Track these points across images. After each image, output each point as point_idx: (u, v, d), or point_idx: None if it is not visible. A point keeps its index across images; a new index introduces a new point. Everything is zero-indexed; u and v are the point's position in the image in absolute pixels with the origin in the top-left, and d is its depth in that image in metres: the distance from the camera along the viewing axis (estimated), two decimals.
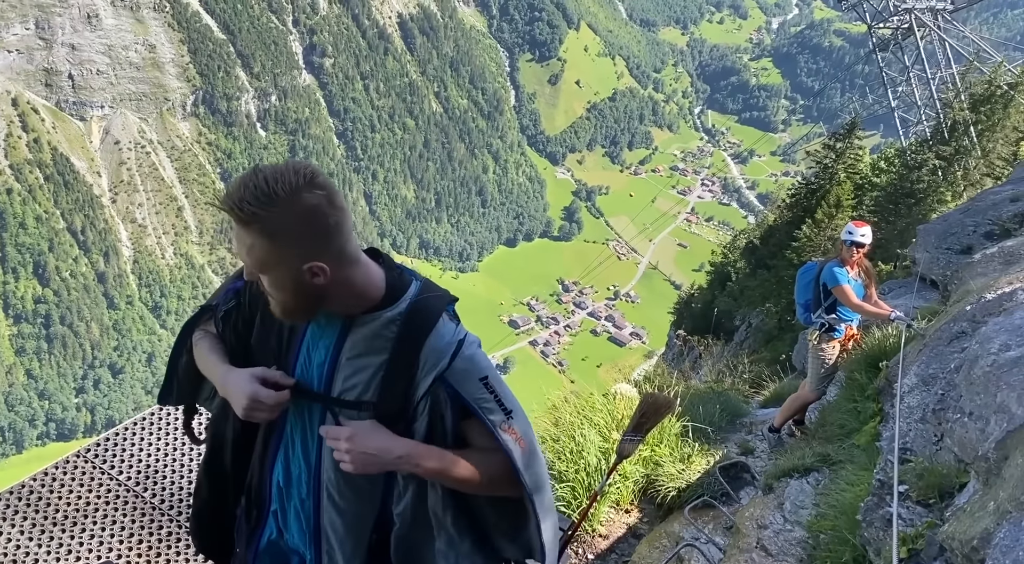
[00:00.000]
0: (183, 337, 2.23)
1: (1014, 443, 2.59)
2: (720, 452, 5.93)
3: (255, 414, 1.94)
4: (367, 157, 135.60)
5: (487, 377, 1.96)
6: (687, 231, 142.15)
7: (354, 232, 1.91)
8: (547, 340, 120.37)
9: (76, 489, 3.26)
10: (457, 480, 1.96)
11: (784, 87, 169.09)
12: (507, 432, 1.96)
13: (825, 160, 27.38)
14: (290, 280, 1.84)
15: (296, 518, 2.14)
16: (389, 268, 2.00)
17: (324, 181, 1.80)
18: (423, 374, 1.93)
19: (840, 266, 5.89)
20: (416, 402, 1.95)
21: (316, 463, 2.05)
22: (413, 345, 1.93)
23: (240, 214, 1.76)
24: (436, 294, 2.01)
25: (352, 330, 1.94)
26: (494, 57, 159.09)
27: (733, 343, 24.13)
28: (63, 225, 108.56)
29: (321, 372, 1.98)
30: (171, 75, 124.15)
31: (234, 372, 2.00)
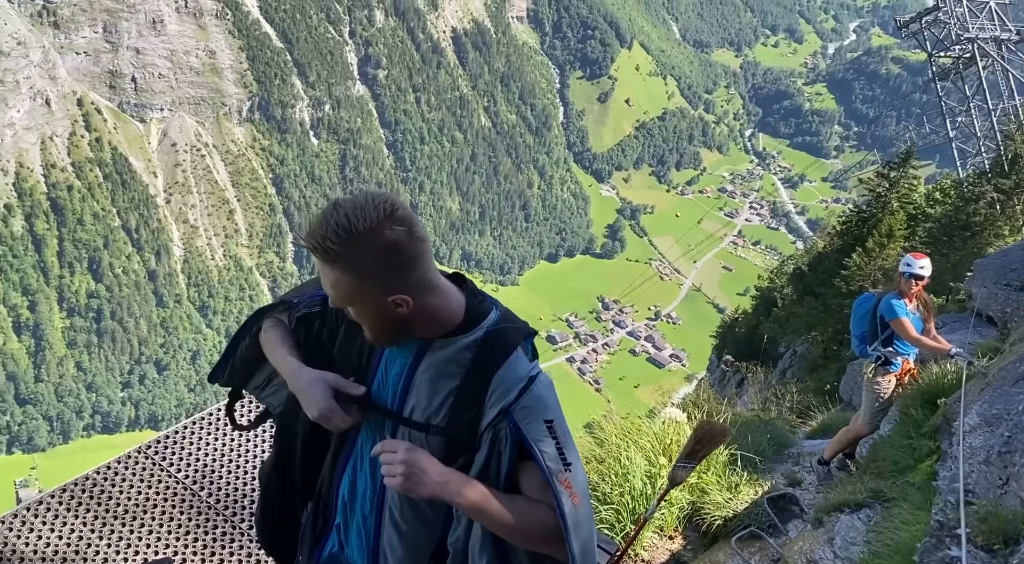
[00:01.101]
0: (251, 321, 2.26)
1: None
2: (768, 483, 5.83)
3: (327, 423, 1.95)
4: (415, 168, 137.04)
5: (553, 421, 1.91)
6: (733, 254, 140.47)
7: (433, 259, 1.91)
8: (584, 357, 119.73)
9: (136, 484, 3.35)
10: (496, 522, 1.89)
11: (838, 113, 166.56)
12: (562, 483, 1.87)
13: (878, 188, 26.88)
14: (374, 311, 1.85)
15: (357, 534, 2.13)
16: (471, 294, 2.00)
17: (404, 214, 1.79)
18: (489, 404, 1.90)
19: (898, 298, 5.77)
20: (480, 432, 1.92)
21: (382, 481, 2.01)
22: (484, 374, 1.90)
23: (324, 254, 1.76)
24: (515, 325, 2.00)
25: (428, 352, 1.94)
26: (545, 74, 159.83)
27: (777, 370, 23.75)
28: (119, 223, 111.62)
29: (395, 390, 1.98)
30: (229, 81, 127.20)
31: (307, 372, 2.00)
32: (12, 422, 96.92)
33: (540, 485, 1.90)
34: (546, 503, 1.90)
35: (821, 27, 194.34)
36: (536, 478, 1.90)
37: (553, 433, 1.89)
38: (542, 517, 1.89)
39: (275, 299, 2.29)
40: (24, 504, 3.01)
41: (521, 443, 1.88)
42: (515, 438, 1.89)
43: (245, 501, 3.30)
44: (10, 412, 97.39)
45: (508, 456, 1.91)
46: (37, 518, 3.00)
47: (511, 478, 1.93)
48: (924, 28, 33.89)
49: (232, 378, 2.37)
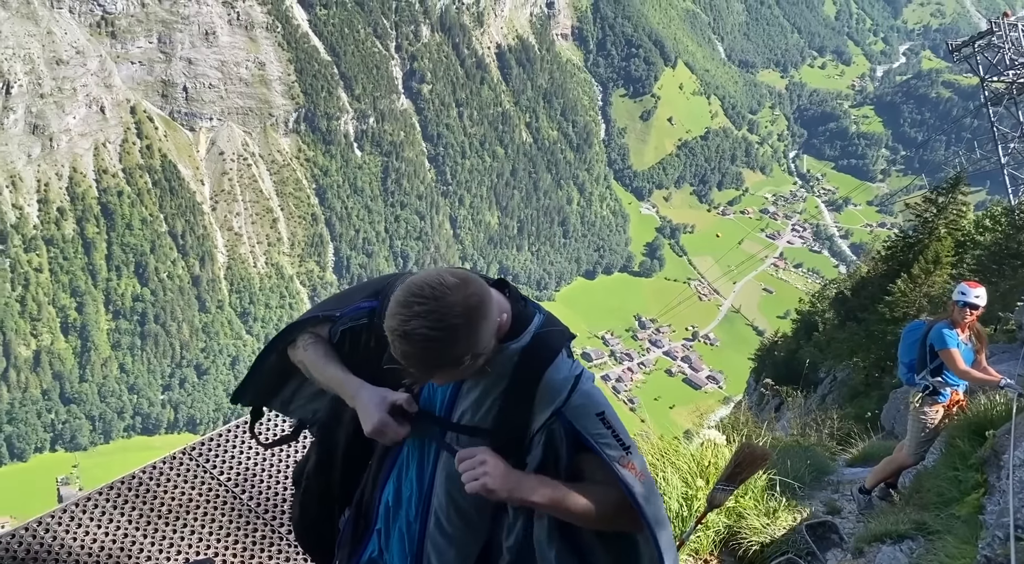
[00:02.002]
0: (279, 339, 2.29)
1: None
2: (807, 509, 5.73)
3: (381, 438, 2.00)
4: (455, 182, 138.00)
5: (603, 413, 2.00)
6: (774, 276, 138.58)
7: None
8: (620, 376, 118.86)
9: (180, 485, 3.42)
10: (572, 512, 1.97)
11: (885, 136, 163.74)
12: (627, 467, 1.97)
13: (925, 214, 26.36)
14: (488, 355, 1.91)
15: (400, 540, 2.16)
16: (515, 300, 2.04)
17: (458, 273, 1.86)
18: (540, 407, 1.97)
19: (950, 328, 5.63)
20: (532, 434, 1.99)
21: (428, 487, 2.08)
22: (532, 377, 1.97)
23: (452, 364, 1.83)
24: (558, 329, 2.06)
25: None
26: (587, 91, 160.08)
27: (816, 396, 23.36)
28: (165, 228, 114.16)
29: (444, 398, 2.04)
30: (277, 92, 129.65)
31: (367, 389, 2.04)
32: (56, 420, 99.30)
33: (602, 472, 2.00)
34: (611, 484, 1.99)
35: (870, 49, 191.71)
36: (597, 466, 2.00)
37: (608, 424, 1.99)
38: (610, 497, 1.99)
39: (306, 313, 2.31)
40: (73, 500, 3.09)
41: (577, 441, 1.98)
42: (571, 436, 1.98)
43: (284, 505, 3.36)
44: (55, 410, 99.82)
45: (566, 453, 2.00)
46: (85, 514, 3.09)
47: (571, 471, 2.03)
48: (977, 52, 33.33)
49: (258, 397, 2.42)
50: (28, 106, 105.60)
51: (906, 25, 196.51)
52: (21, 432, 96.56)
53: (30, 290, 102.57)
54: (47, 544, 2.82)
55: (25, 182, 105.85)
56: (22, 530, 2.95)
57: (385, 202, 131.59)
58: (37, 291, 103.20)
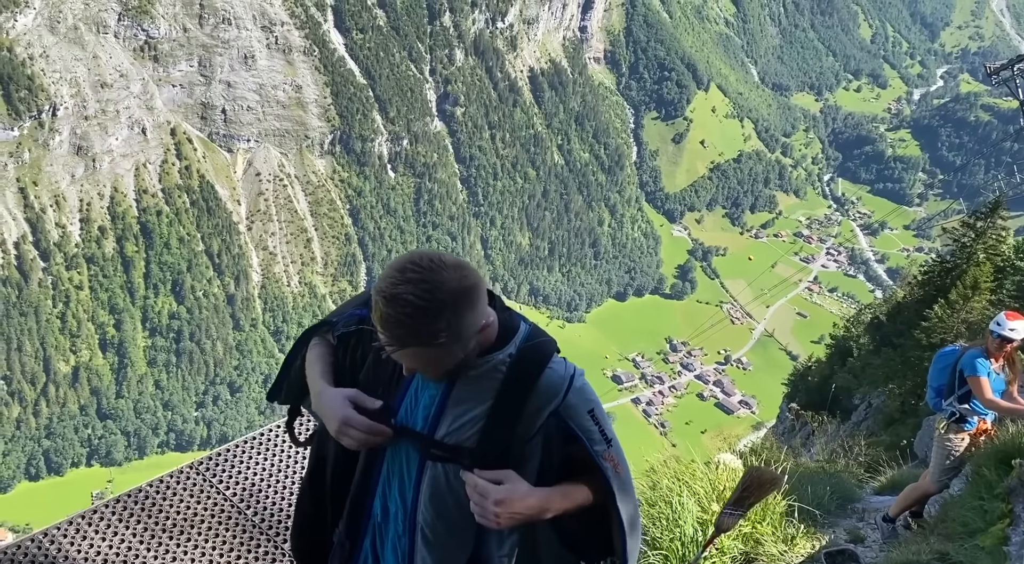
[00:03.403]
0: (302, 341, 2.31)
1: None
2: (827, 537, 5.59)
3: (343, 438, 1.96)
4: (487, 203, 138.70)
5: (594, 409, 2.03)
6: (807, 300, 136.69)
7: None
8: (650, 399, 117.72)
9: (186, 499, 3.44)
10: (570, 511, 2.03)
11: (922, 160, 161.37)
12: (607, 460, 2.02)
13: (963, 238, 25.84)
14: (457, 359, 1.88)
15: (393, 552, 2.16)
16: (500, 310, 2.02)
17: (447, 256, 1.85)
18: (536, 412, 1.96)
19: (983, 356, 5.49)
20: (530, 440, 1.99)
21: (412, 503, 2.07)
22: (523, 386, 1.95)
23: (428, 340, 1.79)
24: (546, 339, 2.06)
25: (463, 374, 1.95)
26: (620, 113, 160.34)
27: (850, 423, 22.89)
28: (202, 248, 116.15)
29: (427, 414, 1.99)
30: (313, 114, 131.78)
31: (329, 391, 2.03)
32: (93, 435, 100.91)
33: (587, 461, 2.05)
34: (594, 474, 2.05)
35: (906, 73, 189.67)
36: (584, 457, 2.05)
37: (596, 420, 2.03)
38: (593, 490, 2.06)
39: (321, 318, 2.35)
40: (79, 512, 3.13)
41: (567, 434, 2.01)
42: (564, 432, 2.00)
43: (288, 521, 3.36)
44: (92, 426, 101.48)
45: (558, 449, 2.03)
46: (91, 527, 3.11)
47: (561, 464, 2.07)
48: (1017, 75, 32.76)
49: (289, 397, 2.43)
50: (73, 128, 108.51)
51: (943, 48, 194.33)
52: (59, 447, 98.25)
53: (70, 307, 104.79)
54: (51, 556, 2.85)
55: (68, 201, 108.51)
56: (28, 541, 2.98)
57: (417, 222, 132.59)
58: (77, 308, 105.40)
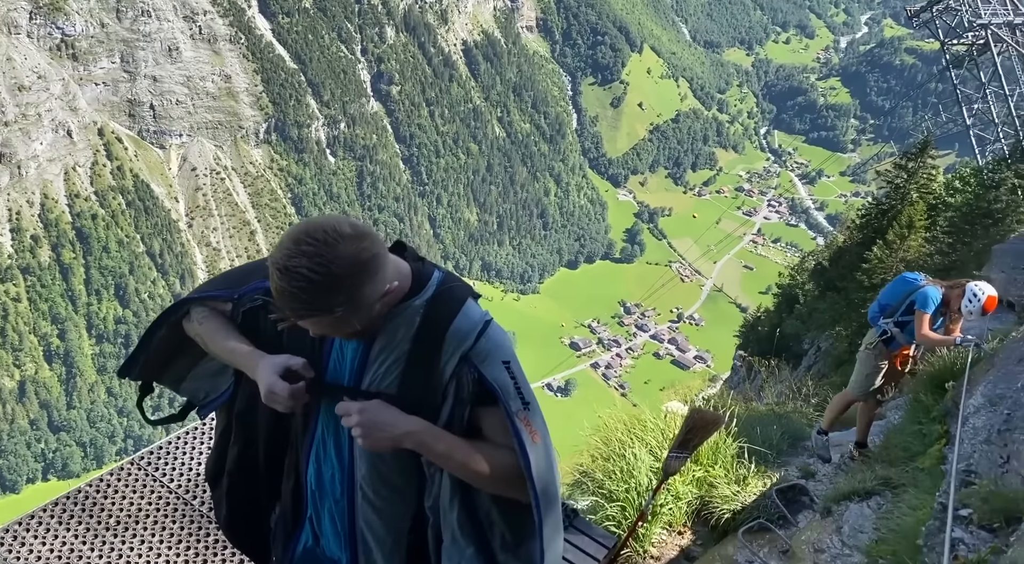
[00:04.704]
0: (169, 313, 2.20)
1: None
2: (779, 475, 5.75)
3: (275, 404, 1.92)
4: (431, 181, 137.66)
5: (510, 363, 1.94)
6: (753, 253, 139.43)
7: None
8: (608, 363, 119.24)
9: (129, 496, 3.37)
10: (463, 467, 1.92)
11: (853, 106, 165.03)
12: (522, 421, 1.92)
13: (897, 180, 26.59)
14: (365, 319, 1.84)
15: (331, 521, 2.11)
16: (414, 259, 2.00)
17: (351, 223, 1.78)
18: (448, 356, 1.91)
19: (939, 298, 5.63)
20: (444, 387, 1.92)
21: (349, 462, 2.03)
22: (437, 330, 1.91)
23: (323, 311, 1.75)
24: (460, 284, 2.01)
25: (384, 323, 1.92)
26: (556, 81, 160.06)
27: (801, 367, 23.50)
28: (143, 249, 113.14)
29: (352, 367, 1.97)
30: (245, 104, 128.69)
31: (264, 358, 1.98)
32: (47, 449, 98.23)
33: (501, 427, 1.93)
34: (507, 446, 1.93)
35: (832, 21, 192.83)
36: (497, 420, 1.94)
37: (511, 373, 1.93)
38: (505, 460, 1.93)
39: (199, 289, 2.21)
40: (16, 519, 3.03)
41: (481, 388, 1.91)
42: (476, 382, 1.91)
43: None
44: (44, 440, 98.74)
45: (469, 400, 1.93)
46: (29, 532, 3.02)
47: (474, 425, 1.96)
48: (936, 17, 33.49)
49: (146, 372, 2.32)
50: None
51: None
52: (12, 464, 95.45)
53: (9, 321, 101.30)
54: None
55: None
56: None
57: (362, 206, 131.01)
58: (17, 321, 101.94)
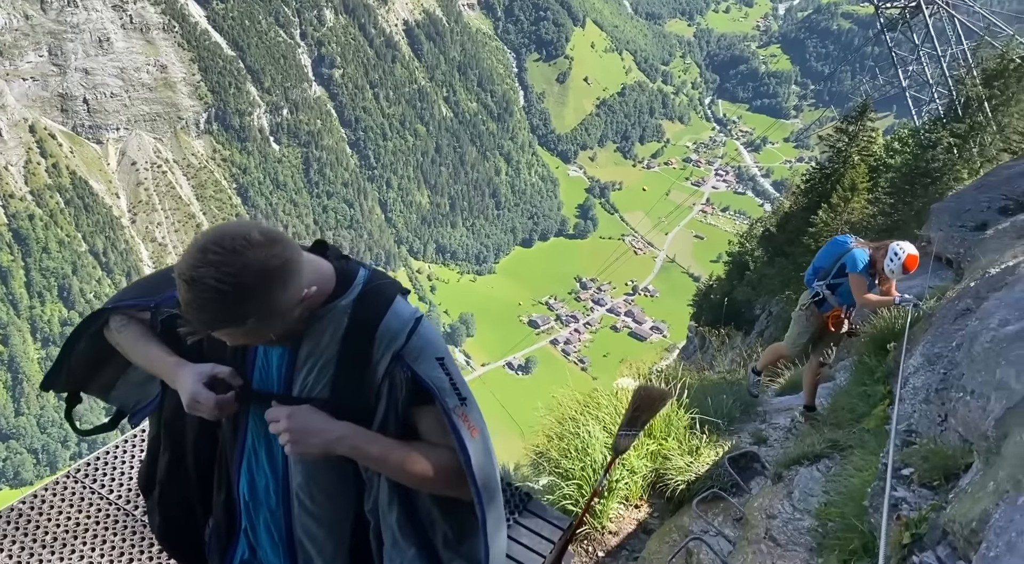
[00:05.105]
0: (87, 324, 2.13)
1: (1013, 420, 2.49)
2: (731, 443, 5.83)
3: (199, 413, 1.87)
4: (380, 165, 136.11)
5: (444, 359, 1.89)
6: (703, 222, 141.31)
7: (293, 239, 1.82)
8: (567, 338, 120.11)
9: (66, 510, 3.24)
10: (400, 470, 1.87)
11: (794, 73, 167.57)
12: (460, 418, 1.87)
13: (838, 144, 27.12)
14: (282, 326, 1.77)
15: (267, 532, 2.05)
16: (337, 258, 1.93)
17: (262, 230, 1.69)
18: (380, 356, 1.85)
19: (866, 258, 5.74)
20: (377, 388, 1.86)
21: (283, 471, 1.97)
22: (366, 330, 1.84)
23: (234, 323, 1.69)
24: (388, 281, 1.95)
25: (308, 326, 1.85)
26: (501, 59, 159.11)
27: (754, 332, 23.92)
28: (85, 248, 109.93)
29: (280, 374, 1.90)
30: (183, 94, 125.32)
31: (186, 367, 1.92)
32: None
33: (438, 426, 1.89)
34: (445, 445, 1.89)
35: None
36: (433, 419, 1.89)
37: (446, 369, 1.88)
38: (443, 459, 1.88)
39: (114, 298, 2.11)
40: None
41: (416, 387, 1.86)
42: (410, 381, 1.86)
43: None
44: None
45: (404, 400, 1.87)
46: None
47: (409, 425, 1.91)
48: None
49: (71, 382, 2.23)
50: None
51: None
52: None
53: None
54: None
55: None
56: None
57: (310, 194, 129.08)
58: None
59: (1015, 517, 1.91)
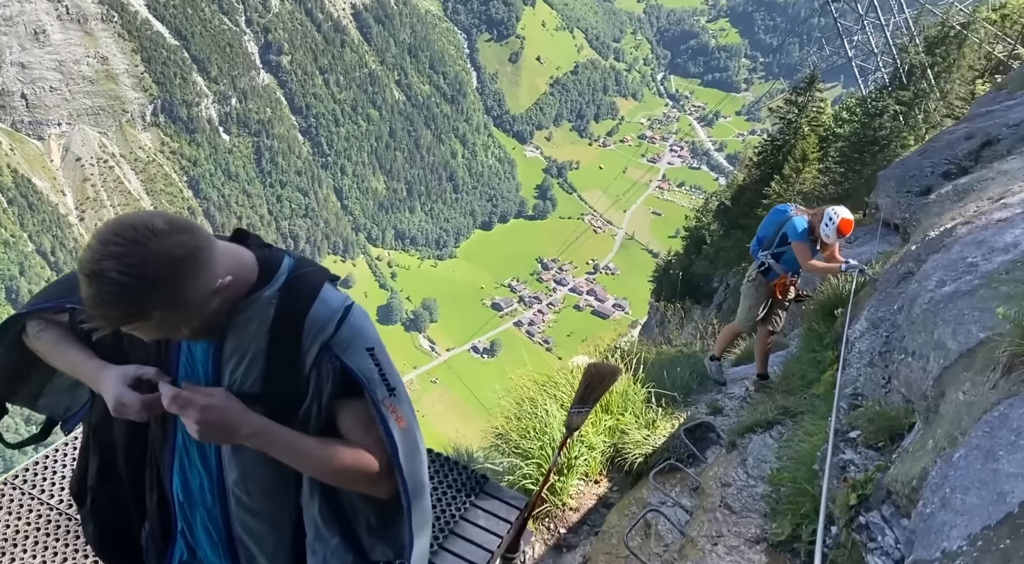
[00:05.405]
0: (3, 330, 2.03)
1: (949, 379, 2.53)
2: (684, 415, 5.89)
3: (126, 415, 1.79)
4: (334, 152, 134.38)
5: (374, 349, 1.83)
6: (660, 199, 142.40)
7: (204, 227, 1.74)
8: (531, 320, 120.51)
9: (4, 518, 3.14)
10: (320, 467, 1.80)
11: (743, 46, 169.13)
12: (388, 408, 1.81)
13: (788, 115, 27.46)
14: (197, 319, 1.69)
15: (205, 531, 1.99)
16: (259, 247, 1.85)
17: (166, 218, 1.60)
18: (308, 347, 1.78)
19: (806, 226, 5.80)
20: (306, 379, 1.80)
21: (217, 469, 1.90)
22: (294, 320, 1.77)
23: (139, 317, 1.60)
24: (315, 268, 1.87)
25: (232, 319, 1.77)
26: (452, 40, 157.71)
27: (712, 305, 24.21)
28: (32, 247, 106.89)
29: (206, 369, 1.83)
30: (127, 86, 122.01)
31: (108, 369, 1.84)
32: None
33: (363, 420, 1.83)
34: (368, 441, 1.83)
35: None
36: (358, 413, 1.83)
37: (376, 360, 1.82)
38: (365, 457, 1.82)
39: (31, 302, 2.00)
40: None
41: (344, 378, 1.79)
42: (338, 372, 1.79)
43: None
44: None
45: (329, 391, 1.80)
46: None
47: (329, 417, 1.84)
48: None
49: None
50: None
51: None
52: None
53: None
54: None
55: None
56: None
57: (263, 184, 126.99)
58: None
59: (949, 473, 1.94)
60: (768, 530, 3.46)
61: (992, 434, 1.86)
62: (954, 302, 2.78)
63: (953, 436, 2.16)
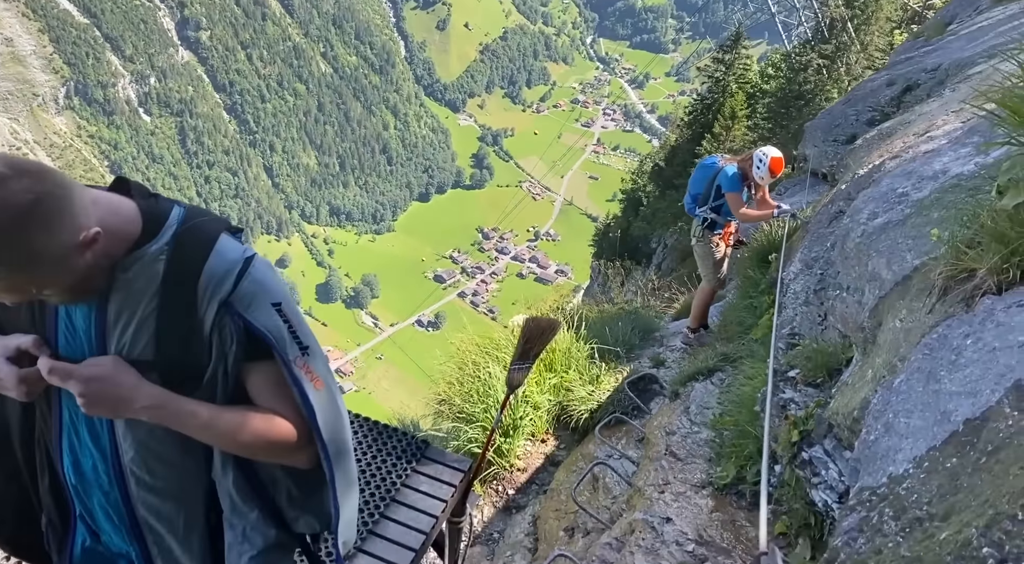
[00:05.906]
0: None
1: (885, 308, 2.52)
2: (627, 369, 5.89)
3: (5, 392, 1.62)
4: (261, 129, 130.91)
5: (281, 304, 1.63)
6: (596, 163, 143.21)
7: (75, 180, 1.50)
8: (475, 290, 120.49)
9: None
10: (227, 439, 1.64)
11: (669, 7, 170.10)
12: (302, 369, 1.64)
13: (716, 74, 27.77)
14: (59, 278, 1.48)
15: (105, 515, 1.81)
16: (143, 196, 1.64)
17: (8, 162, 1.37)
18: (205, 306, 1.58)
19: (739, 175, 5.81)
20: (208, 341, 1.61)
21: (111, 447, 1.71)
22: (187, 276, 1.58)
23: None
24: (209, 218, 1.68)
25: (115, 279, 1.58)
26: (378, 9, 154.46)
27: (652, 265, 24.51)
28: None
29: (88, 336, 1.61)
30: (35, 68, 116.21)
31: None
32: None
33: (274, 383, 1.66)
34: (281, 407, 1.68)
35: None
36: (268, 376, 1.66)
37: (284, 316, 1.63)
38: (279, 424, 1.66)
39: None
40: None
41: (250, 338, 1.61)
42: (242, 332, 1.60)
43: None
44: None
45: (234, 354, 1.62)
46: None
47: (237, 383, 1.67)
48: None
49: None
50: None
51: None
52: None
53: None
54: None
55: None
56: None
57: (190, 165, 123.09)
58: None
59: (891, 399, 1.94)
60: (713, 474, 3.46)
61: (932, 356, 1.86)
62: (887, 232, 2.78)
63: (892, 363, 2.14)
